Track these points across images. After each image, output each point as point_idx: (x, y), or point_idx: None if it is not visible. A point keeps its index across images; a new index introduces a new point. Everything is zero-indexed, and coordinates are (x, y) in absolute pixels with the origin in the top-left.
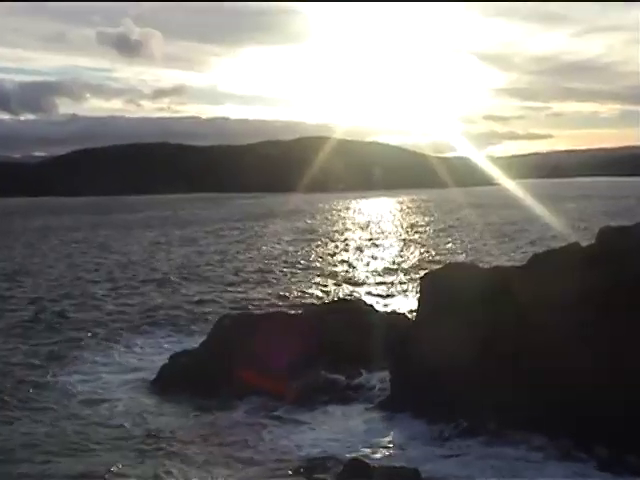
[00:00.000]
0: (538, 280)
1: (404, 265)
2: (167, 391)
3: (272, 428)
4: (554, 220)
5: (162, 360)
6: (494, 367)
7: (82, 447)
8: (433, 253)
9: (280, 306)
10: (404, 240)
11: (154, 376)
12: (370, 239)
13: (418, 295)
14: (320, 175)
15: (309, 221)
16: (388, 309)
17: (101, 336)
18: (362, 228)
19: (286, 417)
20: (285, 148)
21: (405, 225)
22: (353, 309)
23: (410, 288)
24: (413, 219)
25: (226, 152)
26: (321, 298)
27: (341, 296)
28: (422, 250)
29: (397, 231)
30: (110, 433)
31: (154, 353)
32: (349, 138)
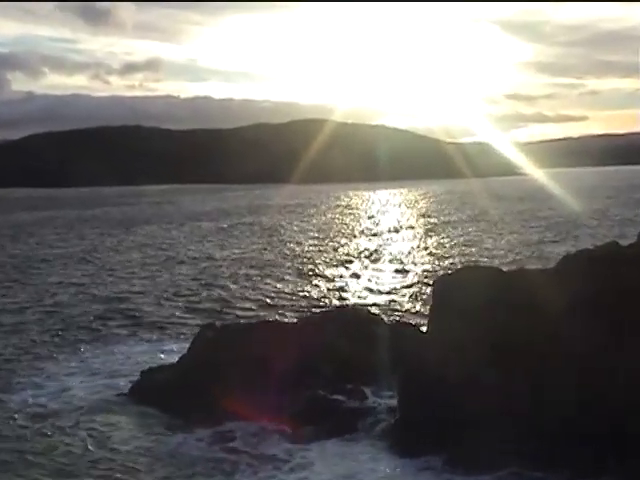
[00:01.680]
0: (569, 285)
1: (413, 268)
2: (137, 407)
3: (247, 467)
4: (588, 216)
5: (138, 370)
6: (519, 388)
7: (21, 463)
8: (446, 254)
9: (270, 314)
10: (413, 239)
11: (127, 389)
12: (373, 238)
13: (429, 303)
14: (316, 164)
15: (303, 218)
16: (395, 318)
17: (73, 342)
18: (365, 225)
19: (270, 454)
20: (276, 132)
21: (414, 222)
22: (355, 318)
23: (420, 294)
24: (423, 215)
25: (208, 137)
26: (318, 305)
27: (341, 303)
28: (433, 251)
29: (405, 229)
30: (54, 449)
31: (131, 363)
32: (350, 121)
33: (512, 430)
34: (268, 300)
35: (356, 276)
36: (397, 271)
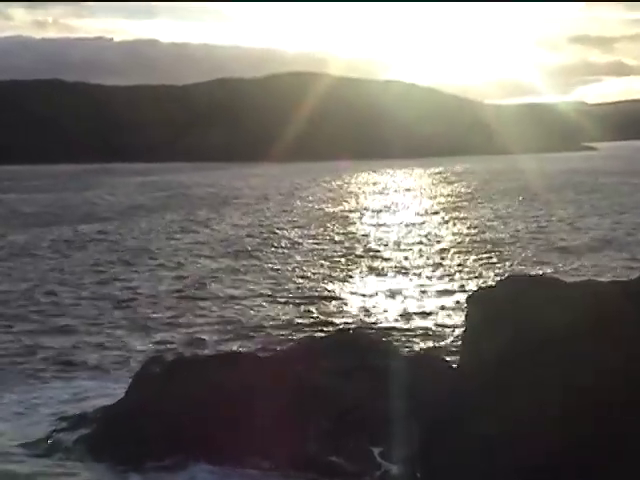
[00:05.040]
0: None
1: (437, 276)
2: (53, 468)
3: None
4: None
5: (55, 420)
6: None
7: None
8: (483, 258)
9: (241, 339)
10: (437, 237)
11: (40, 444)
12: (384, 234)
13: (463, 326)
14: (306, 135)
15: (286, 207)
16: (415, 346)
17: None
18: (372, 219)
19: None
20: (251, 91)
21: (440, 213)
22: (359, 346)
23: (448, 313)
24: (452, 204)
25: (155, 97)
26: (308, 326)
27: (340, 323)
28: (465, 254)
29: (427, 223)
30: None
31: (47, 410)
32: (353, 76)
33: None
34: (239, 318)
35: (360, 285)
36: (416, 281)
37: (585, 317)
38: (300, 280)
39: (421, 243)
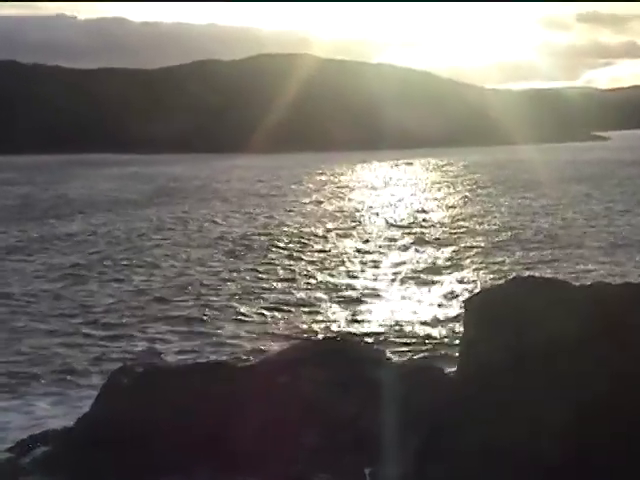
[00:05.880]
0: None
1: (432, 279)
2: None
3: None
4: None
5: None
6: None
7: None
8: (484, 259)
9: (218, 347)
10: (433, 236)
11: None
12: (375, 236)
13: (459, 331)
14: (291, 123)
15: (265, 203)
16: (407, 355)
17: None
18: (362, 217)
19: None
20: (226, 74)
21: (436, 211)
22: (347, 355)
23: (444, 318)
24: (450, 200)
25: (122, 81)
26: (291, 332)
27: (326, 329)
28: (464, 254)
29: (421, 221)
30: None
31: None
32: (339, 57)
33: None
34: (217, 324)
35: (349, 290)
36: (410, 284)
37: (593, 321)
38: (284, 284)
39: (415, 243)
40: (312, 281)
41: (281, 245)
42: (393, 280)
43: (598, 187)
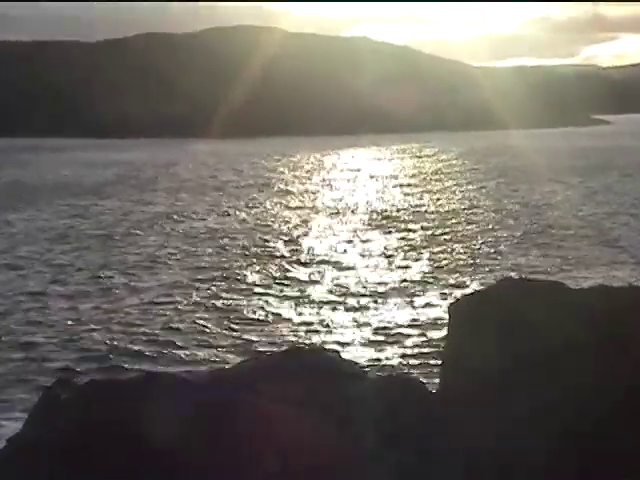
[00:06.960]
0: None
1: (413, 282)
2: None
3: None
4: None
5: None
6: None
7: None
8: (471, 260)
9: (167, 357)
10: (414, 233)
11: None
12: (345, 227)
13: (442, 341)
14: (251, 105)
15: (226, 196)
16: (384, 368)
17: None
18: (333, 208)
19: None
20: (178, 49)
21: (418, 205)
22: (317, 368)
23: (426, 326)
24: (434, 191)
25: (64, 56)
26: (249, 342)
27: (292, 341)
28: (449, 254)
29: (401, 216)
30: None
31: None
32: (309, 31)
33: None
34: (164, 333)
35: (317, 295)
36: (387, 288)
37: (598, 327)
38: (242, 286)
39: (394, 240)
40: (274, 287)
41: (238, 244)
42: (364, 284)
43: (595, 179)
